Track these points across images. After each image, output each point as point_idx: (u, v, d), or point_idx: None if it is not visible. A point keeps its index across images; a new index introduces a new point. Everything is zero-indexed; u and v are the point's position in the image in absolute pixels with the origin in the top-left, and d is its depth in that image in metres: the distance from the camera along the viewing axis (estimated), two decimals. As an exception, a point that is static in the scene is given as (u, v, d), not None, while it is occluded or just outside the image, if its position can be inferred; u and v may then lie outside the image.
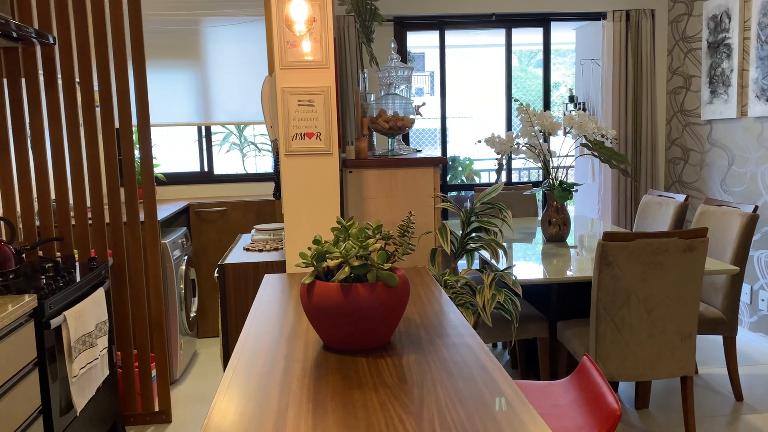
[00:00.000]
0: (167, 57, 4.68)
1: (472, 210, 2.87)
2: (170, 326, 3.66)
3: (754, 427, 3.00)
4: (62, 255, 3.02)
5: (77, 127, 3.00)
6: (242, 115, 4.82)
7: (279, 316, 1.85)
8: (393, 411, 1.20)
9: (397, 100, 3.23)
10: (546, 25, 5.05)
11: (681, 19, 4.83)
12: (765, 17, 3.88)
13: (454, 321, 1.74)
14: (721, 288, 3.26)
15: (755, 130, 4.04)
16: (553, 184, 3.47)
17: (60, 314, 2.33)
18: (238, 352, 1.54)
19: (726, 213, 3.35)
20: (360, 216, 2.96)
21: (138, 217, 3.11)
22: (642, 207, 4.05)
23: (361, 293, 1.47)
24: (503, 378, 1.34)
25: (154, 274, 3.16)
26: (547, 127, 3.41)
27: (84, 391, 2.51)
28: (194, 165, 5.01)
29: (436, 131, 11.52)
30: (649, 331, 2.66)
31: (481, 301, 2.66)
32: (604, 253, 2.58)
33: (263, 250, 2.93)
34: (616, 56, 4.86)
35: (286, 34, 2.43)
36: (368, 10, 3.42)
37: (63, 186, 3.01)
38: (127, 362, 3.15)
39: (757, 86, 3.96)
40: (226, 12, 4.64)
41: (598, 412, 1.63)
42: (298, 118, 2.49)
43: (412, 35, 5.10)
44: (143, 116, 3.06)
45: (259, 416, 1.20)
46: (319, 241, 1.57)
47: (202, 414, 3.31)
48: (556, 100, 10.54)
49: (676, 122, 4.95)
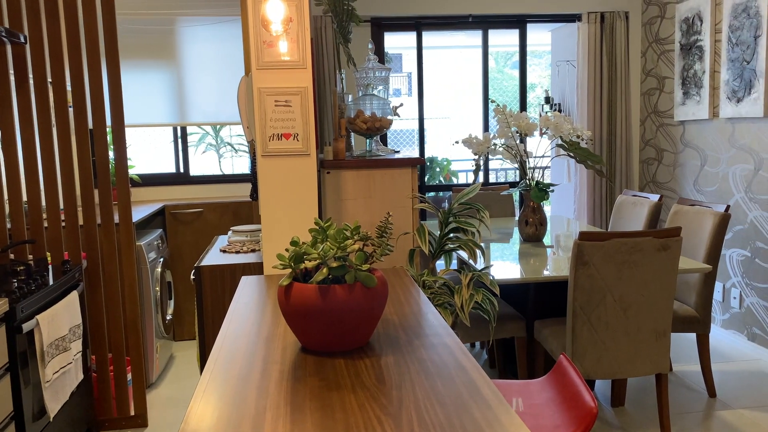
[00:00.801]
0: (142, 57, 4.62)
1: (450, 210, 2.88)
2: (146, 329, 3.62)
3: (726, 422, 3.05)
4: (34, 258, 2.96)
5: (50, 127, 2.95)
6: (218, 116, 4.78)
7: (256, 318, 1.84)
8: (371, 412, 1.20)
9: (375, 101, 3.23)
10: (522, 27, 5.09)
11: (654, 22, 4.90)
12: (735, 20, 3.95)
13: (433, 321, 1.75)
14: (695, 286, 3.31)
15: (726, 130, 4.12)
16: (530, 184, 3.50)
17: (32, 318, 2.29)
18: (215, 355, 1.53)
19: (699, 212, 3.41)
20: (338, 217, 2.96)
21: (112, 219, 3.06)
22: (617, 207, 4.10)
23: (339, 294, 1.46)
24: (481, 378, 1.34)
25: (129, 277, 3.12)
26: (523, 128, 3.44)
27: (57, 396, 2.47)
28: (170, 166, 4.96)
29: (414, 132, 11.54)
30: (625, 329, 2.69)
31: (459, 301, 2.67)
32: (580, 252, 2.60)
33: (240, 252, 2.91)
34: (591, 58, 4.91)
35: (262, 34, 2.42)
36: (345, 11, 3.41)
37: (35, 187, 2.96)
38: (102, 366, 3.10)
39: (728, 88, 4.03)
40: (201, 12, 4.60)
41: (575, 410, 1.65)
42: (275, 118, 2.47)
43: (390, 36, 5.10)
44: (117, 117, 3.02)
45: (237, 420, 1.18)
46: (296, 242, 1.56)
47: (178, 418, 3.28)
48: (533, 101, 10.63)
49: (650, 123, 5.02)
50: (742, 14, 3.88)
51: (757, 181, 3.86)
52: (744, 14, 3.87)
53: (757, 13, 3.74)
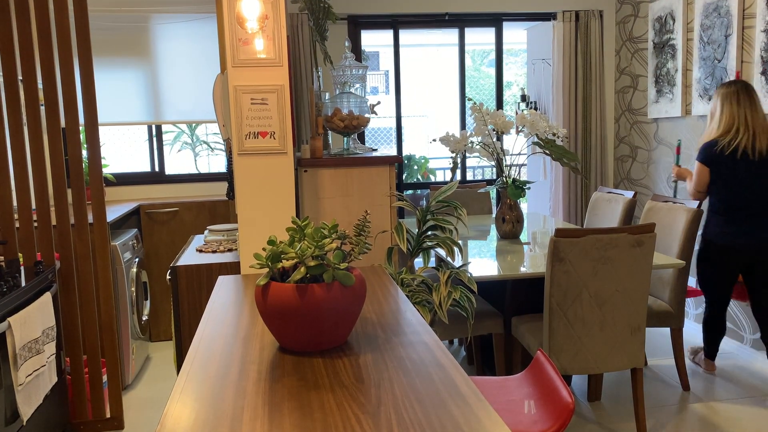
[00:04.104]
0: (116, 54, 4.56)
1: (428, 208, 2.89)
2: (121, 330, 3.58)
3: (700, 415, 3.11)
4: (6, 259, 2.91)
5: (21, 126, 2.89)
6: (194, 114, 4.73)
7: (233, 318, 1.83)
8: (350, 411, 1.20)
9: (352, 99, 3.22)
10: (498, 25, 5.12)
11: (628, 20, 4.96)
12: (707, 19, 4.01)
13: (411, 319, 1.75)
14: (668, 282, 3.36)
15: (698, 128, 4.18)
16: (507, 182, 3.52)
17: (4, 321, 2.25)
18: (192, 356, 1.52)
19: (672, 209, 3.46)
20: (316, 216, 2.95)
21: (86, 219, 3.02)
22: (592, 203, 4.14)
23: (317, 293, 1.46)
24: (459, 375, 1.35)
25: (104, 278, 3.08)
26: (500, 126, 3.46)
27: (31, 399, 2.43)
28: (145, 165, 4.90)
29: (392, 130, 11.56)
30: (600, 325, 2.72)
31: (437, 299, 2.68)
32: (556, 249, 2.63)
33: (217, 252, 2.88)
34: (566, 56, 4.96)
35: (238, 32, 2.40)
36: (321, 8, 3.40)
37: (6, 187, 2.91)
38: (77, 368, 3.06)
39: (700, 86, 4.10)
40: (176, 8, 4.55)
41: (552, 405, 1.67)
42: (251, 116, 2.46)
43: (366, 34, 5.09)
44: (91, 115, 2.98)
45: (214, 421, 1.18)
46: (273, 241, 1.55)
47: (155, 419, 3.25)
48: (509, 99, 10.70)
49: (624, 121, 5.08)
50: (713, 13, 3.95)
51: (728, 178, 3.93)
52: (715, 13, 3.93)
53: (727, 12, 3.81)
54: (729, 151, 3.18)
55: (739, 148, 3.16)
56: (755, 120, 3.18)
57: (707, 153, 3.26)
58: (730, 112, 3.20)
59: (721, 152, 3.20)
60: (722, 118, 3.24)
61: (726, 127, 3.22)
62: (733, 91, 3.22)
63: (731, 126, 3.20)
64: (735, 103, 3.19)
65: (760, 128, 3.18)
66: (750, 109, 3.18)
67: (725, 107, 3.23)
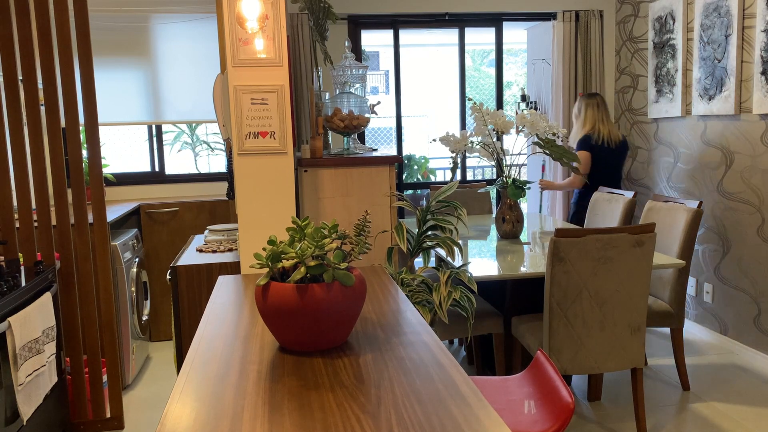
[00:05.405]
0: (116, 54, 4.56)
1: (428, 208, 2.89)
2: (121, 330, 3.58)
3: (700, 415, 3.11)
4: (6, 259, 2.91)
5: (21, 126, 2.89)
6: (194, 114, 4.73)
7: (233, 318, 1.83)
8: (350, 411, 1.20)
9: (352, 99, 3.22)
10: (498, 25, 5.12)
11: (628, 20, 4.96)
12: (707, 19, 4.01)
13: (411, 319, 1.75)
14: (669, 281, 3.36)
15: (699, 128, 4.18)
16: (507, 181, 3.52)
17: (4, 320, 2.25)
18: (192, 356, 1.52)
19: (672, 209, 3.46)
20: (316, 215, 2.95)
21: (86, 219, 3.02)
22: (592, 203, 4.14)
23: (318, 293, 1.46)
24: (459, 375, 1.35)
25: (104, 278, 3.08)
26: (500, 126, 3.46)
27: (31, 399, 2.43)
28: (145, 165, 4.90)
29: (392, 130, 11.55)
30: (601, 324, 2.72)
31: (437, 299, 2.68)
32: (556, 249, 2.63)
33: (217, 251, 2.88)
34: (566, 56, 4.96)
35: (238, 32, 2.40)
36: (322, 8, 3.40)
37: (6, 187, 2.91)
38: (77, 368, 3.06)
39: (700, 86, 4.10)
40: (176, 9, 4.55)
41: (552, 405, 1.67)
42: (251, 116, 2.45)
43: (366, 34, 5.09)
44: (91, 115, 2.98)
45: (214, 421, 1.18)
46: (274, 241, 1.55)
47: (155, 419, 3.25)
48: (509, 99, 10.70)
49: (624, 121, 5.08)
50: (713, 13, 3.94)
51: (728, 178, 3.93)
52: (715, 13, 3.93)
53: (727, 12, 3.81)
54: (600, 141, 4.19)
55: (603, 139, 4.18)
56: (608, 120, 4.26)
57: (588, 143, 4.18)
58: (592, 115, 4.24)
59: (595, 142, 4.18)
60: (586, 119, 4.25)
61: (590, 125, 4.23)
62: (594, 102, 4.26)
63: (594, 124, 4.23)
64: (594, 108, 4.24)
65: (611, 126, 4.24)
66: (604, 114, 4.25)
67: (588, 111, 4.25)
